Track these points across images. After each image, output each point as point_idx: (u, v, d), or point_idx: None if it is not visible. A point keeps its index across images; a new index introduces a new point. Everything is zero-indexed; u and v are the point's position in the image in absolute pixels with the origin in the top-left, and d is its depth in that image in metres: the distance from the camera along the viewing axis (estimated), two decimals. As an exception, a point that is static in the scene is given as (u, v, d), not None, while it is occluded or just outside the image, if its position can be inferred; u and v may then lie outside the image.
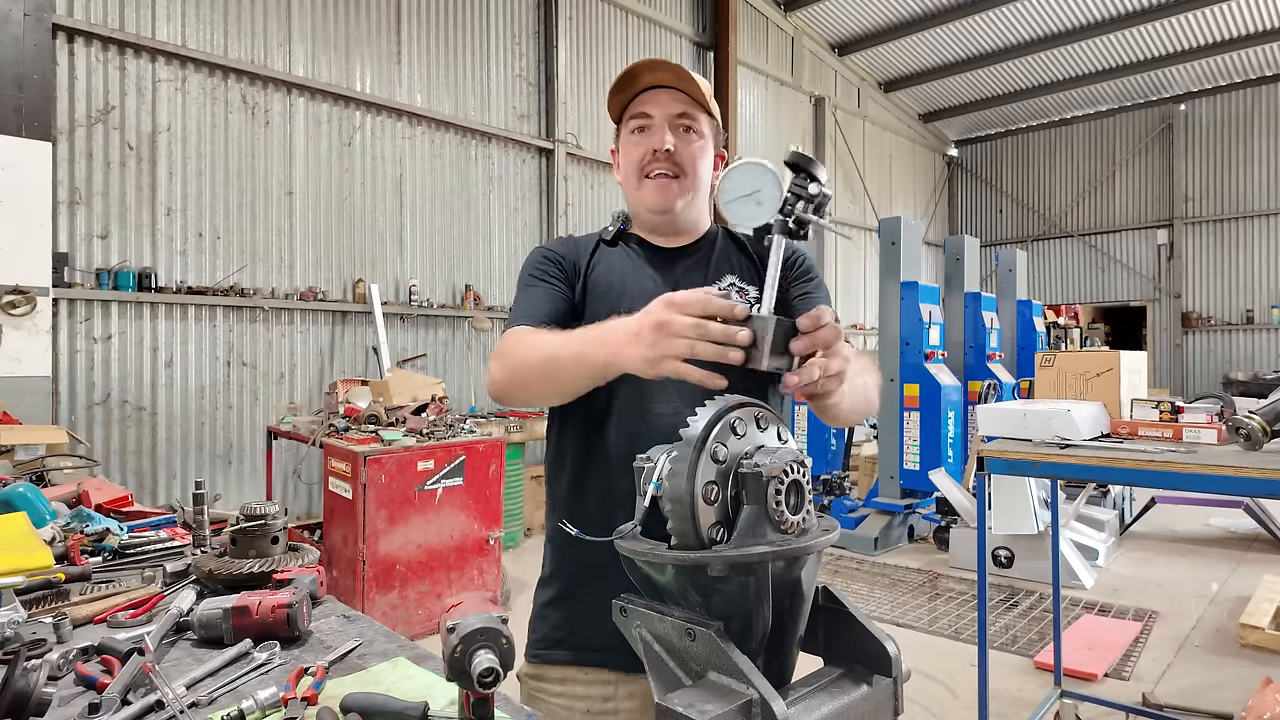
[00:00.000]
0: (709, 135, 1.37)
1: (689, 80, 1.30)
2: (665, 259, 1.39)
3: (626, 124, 1.37)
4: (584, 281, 1.37)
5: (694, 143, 1.34)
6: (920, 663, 3.79)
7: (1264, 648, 3.89)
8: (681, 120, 1.32)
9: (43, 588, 1.36)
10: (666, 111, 1.32)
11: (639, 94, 1.34)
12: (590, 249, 1.40)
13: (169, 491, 5.41)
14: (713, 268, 1.39)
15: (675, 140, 1.31)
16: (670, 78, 1.31)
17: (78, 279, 5.05)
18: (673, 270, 1.37)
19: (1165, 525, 6.52)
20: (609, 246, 1.41)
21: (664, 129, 1.31)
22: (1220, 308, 12.99)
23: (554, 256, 1.38)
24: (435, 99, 7.01)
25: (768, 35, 11.01)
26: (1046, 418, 2.53)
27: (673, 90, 1.32)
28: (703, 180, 1.37)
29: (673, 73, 1.30)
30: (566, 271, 1.36)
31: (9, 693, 0.88)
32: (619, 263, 1.38)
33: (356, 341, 6.46)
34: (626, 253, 1.40)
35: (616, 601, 0.83)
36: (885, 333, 6.42)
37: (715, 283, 1.35)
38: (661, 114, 1.32)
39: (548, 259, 1.38)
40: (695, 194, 1.36)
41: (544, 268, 1.36)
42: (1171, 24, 11.00)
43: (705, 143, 1.36)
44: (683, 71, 1.29)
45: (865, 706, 0.75)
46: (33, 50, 4.76)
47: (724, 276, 1.37)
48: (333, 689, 1.01)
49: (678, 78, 1.30)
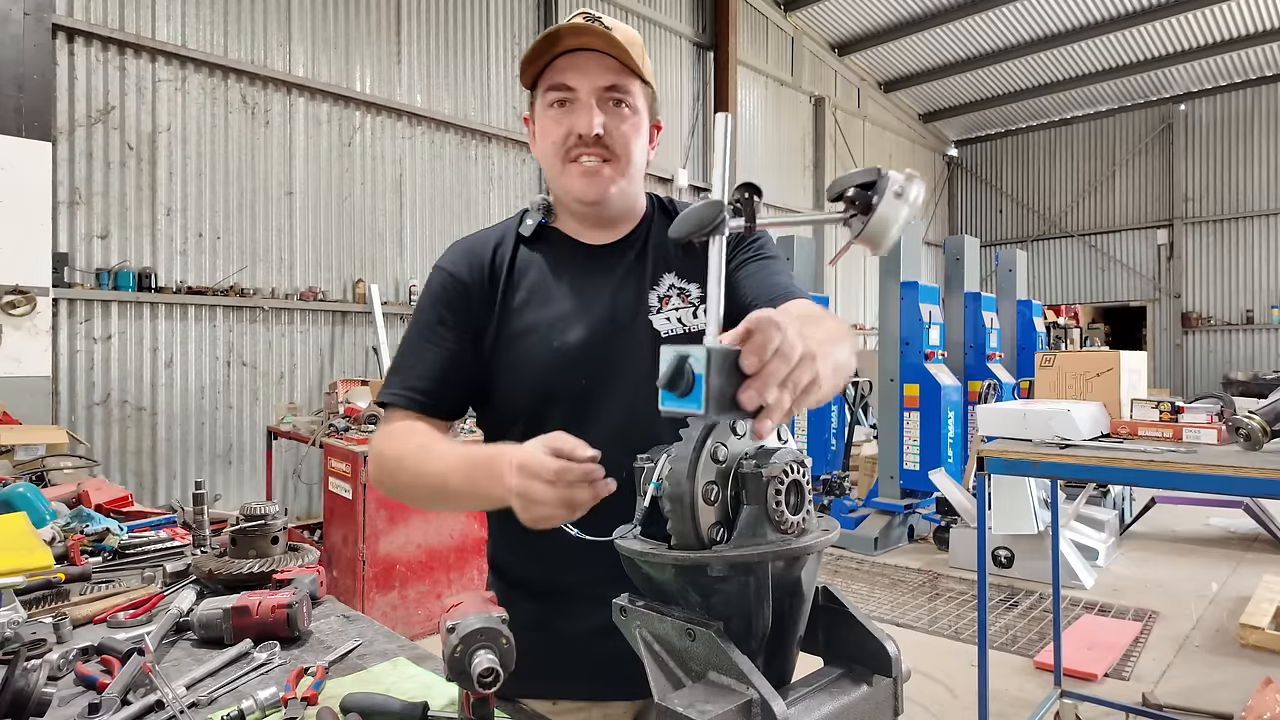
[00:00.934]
0: (643, 107, 1.16)
1: (618, 45, 1.09)
2: (597, 264, 1.20)
3: (543, 94, 1.14)
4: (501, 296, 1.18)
5: (626, 119, 1.14)
6: (920, 663, 3.78)
7: (1264, 648, 3.89)
8: (611, 93, 1.12)
9: (43, 588, 1.36)
10: (593, 83, 1.11)
11: (558, 57, 1.12)
12: (508, 254, 1.21)
13: (169, 492, 5.41)
14: (650, 270, 1.20)
15: (605, 119, 1.11)
16: (598, 42, 1.09)
17: (78, 279, 5.05)
18: (605, 271, 1.20)
19: (1165, 525, 6.52)
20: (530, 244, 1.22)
21: (590, 107, 1.11)
22: (1220, 308, 12.99)
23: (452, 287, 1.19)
24: (435, 99, 7.01)
25: (768, 35, 11.01)
26: (1046, 418, 2.53)
27: (599, 54, 1.10)
28: (638, 161, 1.17)
29: (601, 38, 1.08)
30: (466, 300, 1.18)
31: (9, 692, 0.88)
32: (542, 270, 1.20)
33: (356, 341, 6.45)
34: (551, 254, 1.21)
35: (617, 602, 0.82)
36: (885, 333, 6.42)
37: (653, 286, 1.19)
38: (587, 86, 1.11)
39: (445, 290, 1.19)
40: (630, 180, 1.17)
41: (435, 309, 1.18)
42: (1171, 24, 11.00)
43: (639, 117, 1.16)
44: (612, 38, 1.08)
45: (865, 706, 0.75)
46: (33, 50, 4.76)
47: (662, 278, 1.20)
48: (332, 689, 1.01)
49: (607, 43, 1.09)
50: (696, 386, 0.65)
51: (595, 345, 1.15)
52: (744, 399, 0.66)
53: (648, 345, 1.15)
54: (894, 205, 0.77)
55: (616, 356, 1.15)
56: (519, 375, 1.17)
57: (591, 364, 1.15)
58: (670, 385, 0.66)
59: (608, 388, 1.15)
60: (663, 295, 1.19)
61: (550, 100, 1.13)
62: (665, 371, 0.67)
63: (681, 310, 1.17)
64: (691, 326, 1.17)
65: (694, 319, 1.17)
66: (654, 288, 1.19)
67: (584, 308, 1.17)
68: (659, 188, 8.98)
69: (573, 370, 1.14)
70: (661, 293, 1.19)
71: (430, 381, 1.16)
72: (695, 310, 1.17)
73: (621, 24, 1.12)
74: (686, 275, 1.20)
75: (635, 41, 1.13)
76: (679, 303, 1.18)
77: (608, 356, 1.15)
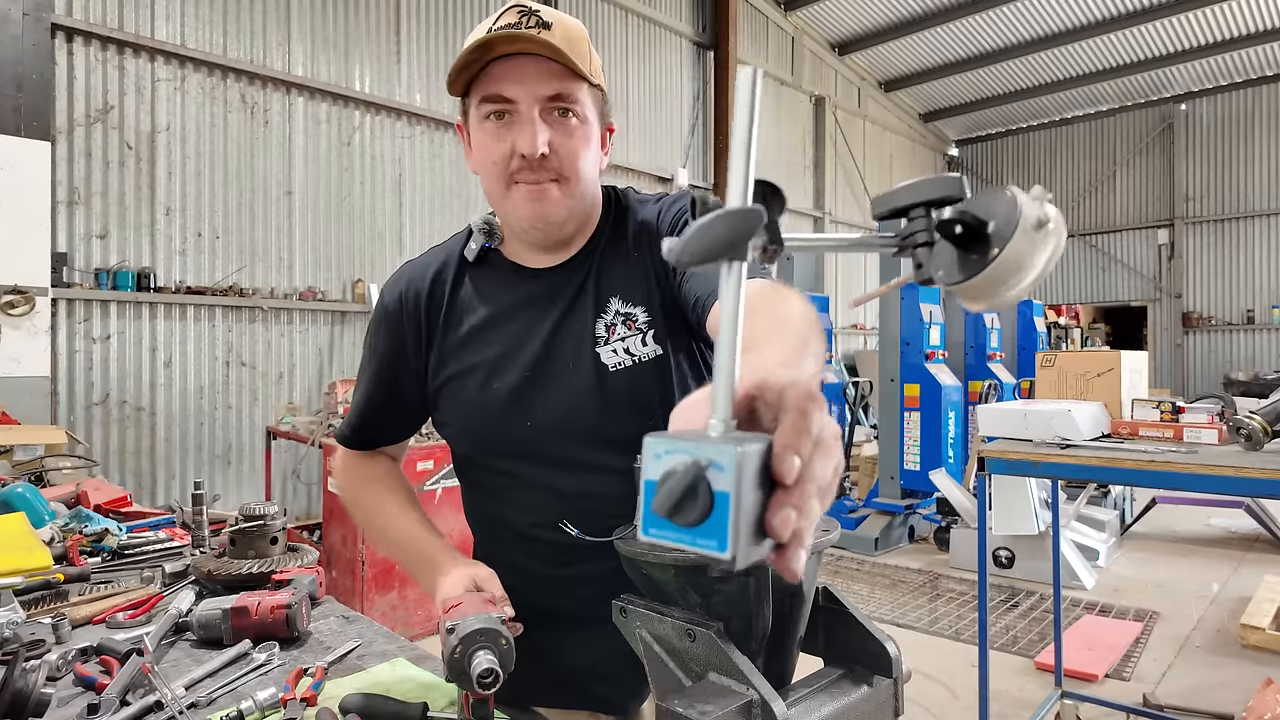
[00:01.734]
0: (592, 113, 1.03)
1: (558, 51, 0.96)
2: (541, 291, 1.10)
3: (478, 106, 1.01)
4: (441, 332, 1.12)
5: (574, 132, 1.01)
6: (921, 663, 3.78)
7: (1265, 648, 3.88)
8: (555, 103, 0.99)
9: (42, 588, 1.36)
10: (533, 93, 0.97)
11: (491, 62, 0.98)
12: (448, 282, 1.13)
13: (168, 492, 5.41)
14: (596, 293, 1.09)
15: (551, 134, 0.99)
16: (536, 48, 0.96)
17: (76, 279, 5.05)
18: (551, 310, 1.09)
19: (1166, 525, 6.52)
20: (473, 269, 1.14)
21: (533, 121, 0.98)
22: (1221, 308, 12.99)
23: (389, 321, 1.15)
24: (435, 98, 7.01)
25: (768, 35, 11.01)
26: (1047, 418, 2.53)
27: (539, 58, 0.97)
28: (590, 176, 1.05)
29: (539, 44, 0.95)
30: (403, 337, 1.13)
31: (8, 693, 0.87)
32: (483, 302, 1.12)
33: (356, 341, 6.45)
34: (494, 282, 1.12)
35: (616, 602, 0.82)
36: (886, 333, 6.42)
37: (599, 314, 1.08)
38: (528, 98, 0.97)
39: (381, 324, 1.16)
40: (581, 198, 1.05)
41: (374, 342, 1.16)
42: (1171, 24, 10.99)
43: (588, 126, 1.03)
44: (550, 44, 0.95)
45: (866, 707, 0.75)
46: (32, 50, 4.76)
47: (608, 304, 1.08)
48: (332, 690, 1.01)
49: (546, 49, 0.96)
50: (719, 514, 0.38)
51: (537, 382, 1.07)
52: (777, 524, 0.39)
53: (593, 379, 1.06)
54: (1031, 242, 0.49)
55: (561, 393, 1.07)
56: (460, 419, 1.13)
57: (533, 406, 1.07)
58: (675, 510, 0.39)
59: (555, 428, 1.07)
60: (609, 323, 1.07)
61: (486, 112, 1.00)
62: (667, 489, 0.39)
63: (629, 338, 1.06)
64: (641, 355, 1.05)
65: (643, 346, 1.06)
66: (600, 315, 1.07)
67: (523, 344, 1.08)
68: (658, 187, 8.98)
69: (512, 413, 1.08)
70: (608, 320, 1.07)
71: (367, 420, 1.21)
72: (644, 337, 1.06)
73: (563, 17, 1.00)
74: (631, 298, 1.08)
75: (579, 38, 1.00)
76: (624, 330, 1.06)
77: (551, 395, 1.07)
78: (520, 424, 1.08)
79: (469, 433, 1.14)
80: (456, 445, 1.18)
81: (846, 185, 12.47)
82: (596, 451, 1.06)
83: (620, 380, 1.05)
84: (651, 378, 1.05)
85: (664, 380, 1.06)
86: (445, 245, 1.19)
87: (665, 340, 1.06)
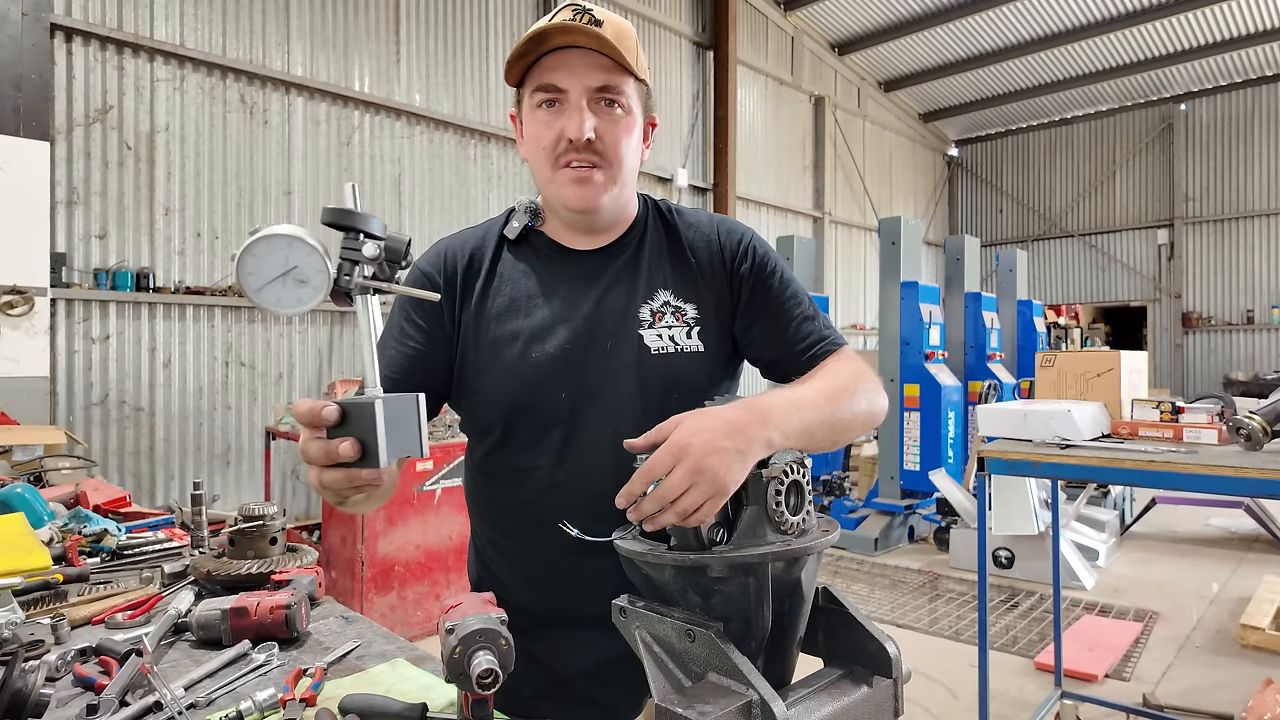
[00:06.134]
0: (637, 106, 1.11)
1: (609, 44, 1.04)
2: (583, 270, 1.15)
3: (531, 94, 1.09)
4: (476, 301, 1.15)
5: (619, 121, 1.09)
6: (920, 663, 3.78)
7: (1264, 648, 3.88)
8: (603, 94, 1.07)
9: (41, 589, 1.36)
10: (583, 83, 1.05)
11: (546, 54, 1.07)
12: (487, 257, 1.17)
13: (167, 492, 5.40)
14: (643, 277, 1.15)
15: (597, 122, 1.06)
16: (588, 40, 1.04)
17: (76, 279, 5.05)
18: (592, 280, 1.15)
19: (1166, 526, 6.52)
20: (514, 245, 1.18)
21: (581, 109, 1.05)
22: (1220, 308, 12.99)
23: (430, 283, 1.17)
24: (434, 98, 7.01)
25: (767, 35, 11.01)
26: (1047, 418, 2.53)
27: (589, 51, 1.05)
28: (631, 165, 1.13)
29: (591, 37, 1.03)
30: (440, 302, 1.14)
31: (7, 694, 0.87)
32: (524, 275, 1.16)
33: (355, 342, 6.45)
34: (535, 259, 1.17)
35: (616, 602, 0.82)
36: (885, 333, 6.42)
37: (646, 300, 1.14)
38: (578, 87, 1.06)
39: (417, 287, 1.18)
40: (623, 186, 1.12)
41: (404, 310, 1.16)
42: (1171, 24, 11.00)
43: (633, 117, 1.11)
44: (602, 37, 1.03)
45: (865, 707, 0.75)
46: (30, 49, 4.75)
47: (656, 293, 1.15)
48: (331, 690, 1.01)
49: (597, 42, 1.04)
50: None
51: (577, 355, 1.11)
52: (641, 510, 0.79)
53: (634, 358, 1.11)
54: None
55: (600, 369, 1.11)
56: (495, 386, 1.13)
57: (571, 376, 1.10)
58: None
59: (590, 402, 1.10)
60: (656, 310, 1.14)
61: (539, 101, 1.08)
62: None
63: (676, 328, 1.13)
64: (685, 347, 1.12)
65: (687, 339, 1.13)
66: (648, 301, 1.14)
67: (566, 316, 1.12)
68: (658, 187, 8.98)
69: (550, 382, 1.10)
70: (655, 307, 1.14)
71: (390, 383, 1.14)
72: (689, 331, 1.14)
73: (614, 16, 1.08)
74: (682, 294, 1.16)
75: (628, 35, 1.08)
76: (673, 320, 1.13)
77: (589, 369, 1.11)
78: (556, 394, 1.10)
79: (502, 401, 1.13)
80: (485, 414, 1.16)
81: (846, 185, 12.47)
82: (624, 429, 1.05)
83: (660, 363, 1.11)
84: (689, 368, 1.13)
85: (698, 374, 1.13)
86: (482, 225, 1.23)
87: (708, 341, 1.15)
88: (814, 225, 11.76)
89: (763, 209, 10.69)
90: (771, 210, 10.86)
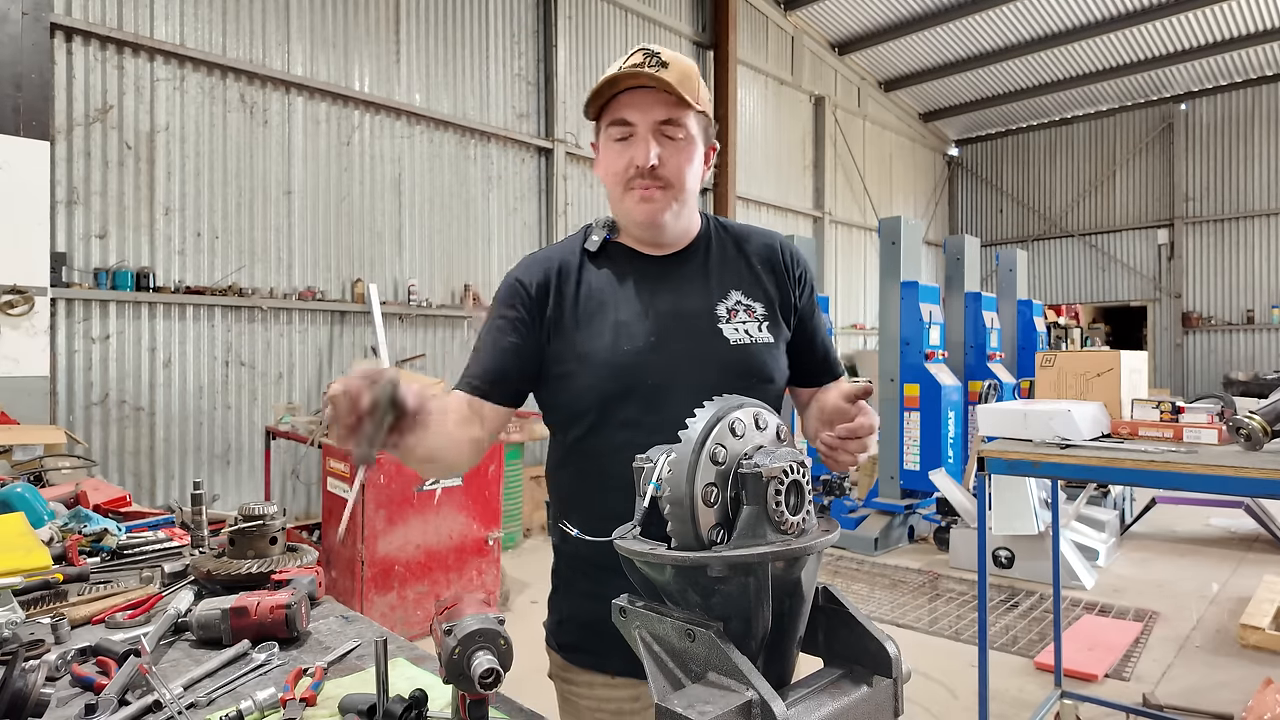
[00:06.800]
0: (697, 134, 1.28)
1: (670, 87, 1.20)
2: (660, 270, 1.33)
3: (606, 128, 1.28)
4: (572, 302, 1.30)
5: (681, 150, 1.25)
6: (920, 663, 3.78)
7: (1264, 648, 3.89)
8: (666, 127, 1.23)
9: (41, 588, 1.36)
10: (649, 118, 1.23)
11: (618, 94, 1.25)
12: (575, 265, 1.33)
13: (167, 492, 5.40)
14: (714, 279, 1.33)
15: (660, 150, 1.23)
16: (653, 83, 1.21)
17: (76, 279, 5.05)
18: (669, 281, 1.31)
19: (1166, 525, 6.52)
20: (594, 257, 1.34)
21: (647, 140, 1.22)
22: (1221, 308, 12.98)
23: (521, 292, 1.31)
24: (434, 98, 7.01)
25: (767, 34, 11.00)
26: (1047, 418, 2.53)
27: (655, 90, 1.22)
28: (691, 187, 1.29)
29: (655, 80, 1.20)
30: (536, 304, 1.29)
31: (7, 693, 0.87)
32: (609, 279, 1.31)
33: (355, 341, 6.45)
34: (615, 264, 1.33)
35: (616, 602, 0.82)
36: (885, 333, 6.42)
37: (720, 299, 1.30)
38: (645, 121, 1.23)
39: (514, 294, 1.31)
40: (684, 204, 1.29)
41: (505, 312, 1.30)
42: (1171, 24, 10.99)
43: (693, 146, 1.27)
44: (664, 81, 1.20)
45: (865, 707, 0.75)
46: (31, 49, 4.75)
47: (729, 293, 1.32)
48: (331, 690, 1.01)
49: (661, 85, 1.20)
50: None
51: (662, 346, 1.25)
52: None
53: (715, 347, 1.26)
54: None
55: (685, 356, 1.25)
56: (587, 377, 1.25)
57: (659, 364, 1.24)
58: None
59: (676, 388, 1.22)
60: (731, 308, 1.30)
61: (614, 135, 1.26)
62: None
63: (749, 323, 1.30)
64: (757, 338, 1.29)
65: (759, 332, 1.30)
66: (722, 300, 1.30)
67: (651, 310, 1.28)
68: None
69: (641, 370, 1.24)
70: (729, 305, 1.31)
71: (487, 372, 1.27)
72: (760, 325, 1.30)
73: (679, 57, 1.23)
74: (752, 295, 1.33)
75: (690, 76, 1.23)
76: (745, 316, 1.30)
77: (676, 356, 1.25)
78: (642, 380, 1.24)
79: (592, 390, 1.25)
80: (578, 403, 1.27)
81: (846, 185, 12.46)
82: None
83: (738, 353, 1.28)
84: (764, 356, 1.30)
85: (770, 362, 1.31)
86: (563, 242, 1.39)
87: (776, 334, 1.33)
88: (814, 225, 11.76)
89: (763, 209, 10.68)
90: (771, 210, 10.86)
